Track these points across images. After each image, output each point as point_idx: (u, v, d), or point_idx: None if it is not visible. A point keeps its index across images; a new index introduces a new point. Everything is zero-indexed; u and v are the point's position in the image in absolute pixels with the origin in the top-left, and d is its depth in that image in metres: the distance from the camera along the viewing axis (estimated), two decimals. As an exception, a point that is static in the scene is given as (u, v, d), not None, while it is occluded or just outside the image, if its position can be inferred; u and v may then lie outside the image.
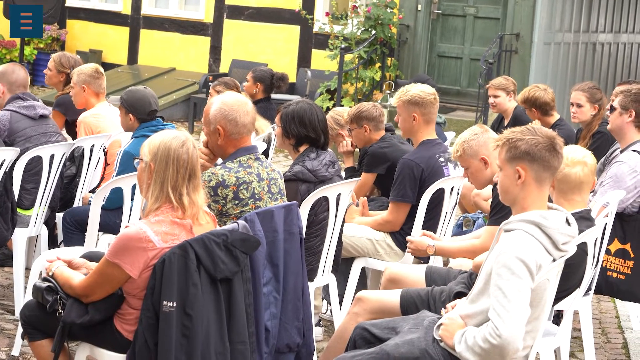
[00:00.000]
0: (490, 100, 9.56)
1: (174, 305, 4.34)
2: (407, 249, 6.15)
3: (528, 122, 8.20)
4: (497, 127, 9.25)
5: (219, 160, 5.40)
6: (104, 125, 7.75)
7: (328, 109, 14.34)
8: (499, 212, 5.61)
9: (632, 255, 6.59)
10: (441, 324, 4.42)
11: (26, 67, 16.99)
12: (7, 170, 6.31)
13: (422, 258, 6.55)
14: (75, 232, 6.93)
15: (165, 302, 4.34)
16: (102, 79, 8.00)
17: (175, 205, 4.50)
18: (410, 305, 5.17)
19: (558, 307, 5.35)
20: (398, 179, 6.55)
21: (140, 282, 4.44)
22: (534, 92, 8.69)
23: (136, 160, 4.62)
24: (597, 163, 7.09)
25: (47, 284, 4.62)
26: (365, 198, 7.05)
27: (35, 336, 4.74)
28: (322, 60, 15.62)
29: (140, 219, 4.61)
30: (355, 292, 6.39)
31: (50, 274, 4.66)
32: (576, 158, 5.26)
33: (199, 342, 4.38)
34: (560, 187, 5.23)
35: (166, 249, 4.40)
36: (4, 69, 7.39)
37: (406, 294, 5.24)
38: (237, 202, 5.15)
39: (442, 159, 6.62)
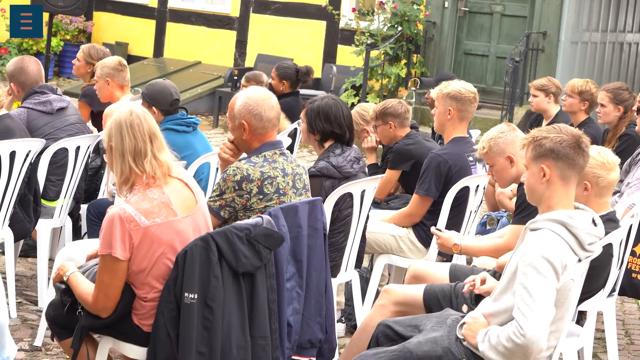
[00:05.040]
0: (530, 98, 9.34)
1: (195, 297, 4.34)
2: (436, 240, 6.09)
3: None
4: (533, 123, 9.04)
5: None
6: (129, 118, 7.75)
7: (353, 105, 14.31)
8: (523, 211, 5.59)
9: (657, 257, 6.54)
10: (464, 323, 4.40)
11: (52, 59, 17.16)
12: (32, 161, 6.31)
13: (445, 255, 6.53)
14: (98, 224, 6.93)
15: (186, 294, 4.35)
16: (126, 72, 7.99)
17: (143, 176, 4.45)
18: (433, 299, 5.16)
19: (582, 307, 5.32)
20: (424, 172, 6.53)
21: (135, 261, 4.41)
22: (590, 87, 8.45)
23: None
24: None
25: (64, 285, 4.62)
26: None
27: (64, 335, 4.75)
28: (348, 56, 15.60)
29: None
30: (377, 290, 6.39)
31: (65, 278, 4.63)
32: (613, 161, 5.22)
33: (220, 334, 4.38)
34: (601, 193, 5.19)
35: (150, 227, 4.38)
36: (13, 68, 7.12)
37: (430, 288, 5.24)
38: (261, 196, 5.14)
39: (470, 158, 6.59)
